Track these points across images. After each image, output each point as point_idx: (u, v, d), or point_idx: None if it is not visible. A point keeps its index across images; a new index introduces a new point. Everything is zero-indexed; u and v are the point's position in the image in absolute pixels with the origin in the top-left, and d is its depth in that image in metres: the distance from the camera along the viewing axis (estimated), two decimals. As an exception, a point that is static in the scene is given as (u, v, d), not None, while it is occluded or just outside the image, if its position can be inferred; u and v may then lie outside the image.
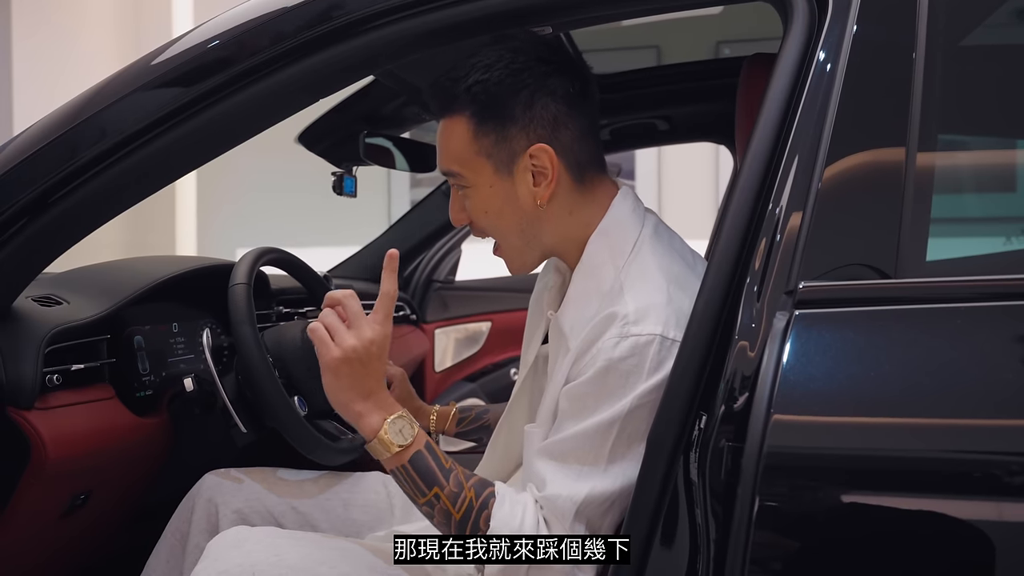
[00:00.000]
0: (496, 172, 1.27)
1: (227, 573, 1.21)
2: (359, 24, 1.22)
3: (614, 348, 1.15)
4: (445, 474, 1.20)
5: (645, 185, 5.10)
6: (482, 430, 1.75)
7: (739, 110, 1.50)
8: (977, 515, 0.93)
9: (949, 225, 1.21)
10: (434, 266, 3.06)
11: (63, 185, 1.24)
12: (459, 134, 1.27)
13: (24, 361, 1.32)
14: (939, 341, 0.99)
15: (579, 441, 1.17)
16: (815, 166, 1.04)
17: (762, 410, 0.96)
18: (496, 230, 1.31)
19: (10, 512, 1.37)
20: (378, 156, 2.14)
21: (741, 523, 0.95)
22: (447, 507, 1.19)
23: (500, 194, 1.28)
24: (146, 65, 1.26)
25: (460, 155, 1.28)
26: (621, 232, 1.28)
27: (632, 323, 1.16)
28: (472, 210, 1.31)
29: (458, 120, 1.26)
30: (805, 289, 0.99)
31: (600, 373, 1.16)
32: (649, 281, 1.21)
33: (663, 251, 1.27)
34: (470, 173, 1.28)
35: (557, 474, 1.18)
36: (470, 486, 1.20)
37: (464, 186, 1.29)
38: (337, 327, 1.22)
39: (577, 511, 1.16)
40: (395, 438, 1.19)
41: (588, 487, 1.16)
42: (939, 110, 1.08)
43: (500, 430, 1.50)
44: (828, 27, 1.09)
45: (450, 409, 1.75)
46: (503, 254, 1.35)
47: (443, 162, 1.30)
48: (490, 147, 1.26)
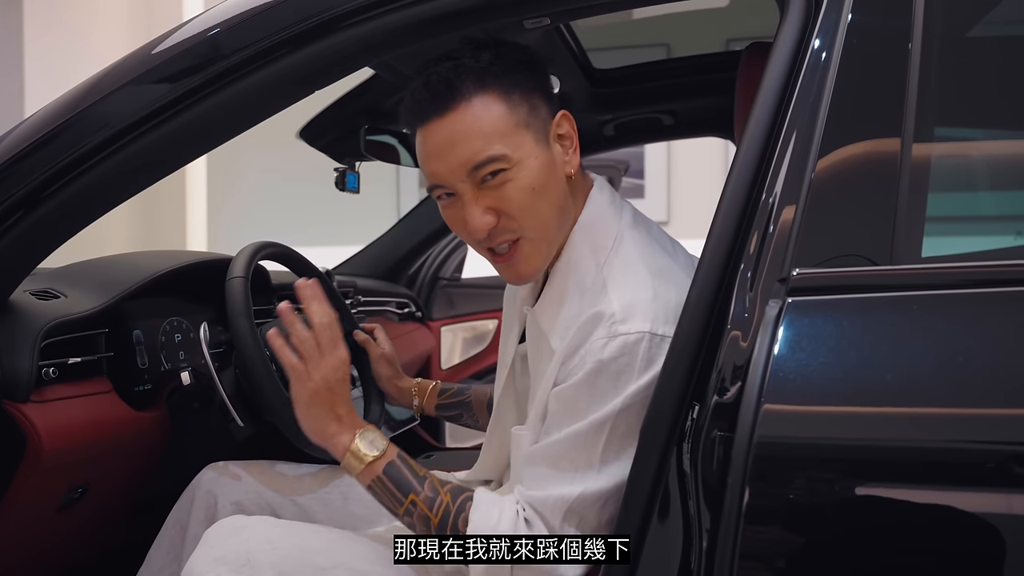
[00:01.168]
0: (537, 143, 1.22)
1: (223, 559, 1.22)
2: (355, 13, 1.21)
3: (603, 349, 1.14)
4: (419, 481, 1.22)
5: (655, 183, 5.09)
6: (462, 406, 1.77)
7: (738, 100, 1.49)
8: (971, 505, 0.92)
9: (947, 224, 1.20)
10: (440, 263, 3.06)
11: (59, 178, 1.24)
12: (492, 112, 1.19)
13: (20, 354, 1.33)
14: (934, 329, 0.98)
15: (571, 443, 1.16)
16: (809, 155, 1.03)
17: (753, 400, 0.95)
18: (536, 214, 1.22)
19: (7, 505, 1.38)
20: (379, 151, 2.14)
21: (732, 514, 0.94)
22: (424, 512, 1.20)
23: (545, 165, 1.22)
24: (144, 56, 1.26)
25: (501, 131, 1.19)
26: (602, 225, 1.27)
27: (619, 322, 1.14)
28: (516, 193, 1.20)
29: (483, 100, 1.19)
30: (798, 276, 0.98)
31: (590, 375, 1.15)
32: (633, 276, 1.19)
33: (644, 243, 1.25)
34: (514, 149, 1.20)
35: (549, 477, 1.17)
36: (446, 491, 1.22)
37: (505, 168, 1.19)
38: (313, 357, 1.25)
39: (568, 509, 1.15)
40: (367, 449, 1.23)
41: (581, 488, 1.15)
42: (935, 100, 1.07)
43: (492, 432, 1.50)
44: (824, 15, 1.08)
45: (430, 383, 1.78)
46: (524, 251, 1.24)
47: (480, 148, 1.19)
48: (526, 116, 1.21)
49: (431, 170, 1.23)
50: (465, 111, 1.19)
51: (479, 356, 3.19)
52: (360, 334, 1.79)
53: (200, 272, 1.78)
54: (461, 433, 2.89)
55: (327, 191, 2.28)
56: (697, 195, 4.90)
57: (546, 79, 1.27)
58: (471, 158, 1.19)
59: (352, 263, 2.90)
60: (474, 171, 1.20)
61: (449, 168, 1.20)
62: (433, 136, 1.21)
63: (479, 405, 1.76)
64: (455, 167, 1.20)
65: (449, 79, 1.19)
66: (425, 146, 1.22)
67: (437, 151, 1.21)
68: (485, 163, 1.19)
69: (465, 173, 1.20)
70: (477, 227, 1.21)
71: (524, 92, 1.21)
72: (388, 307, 2.75)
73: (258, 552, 1.22)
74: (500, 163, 1.19)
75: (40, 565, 1.58)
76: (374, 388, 1.78)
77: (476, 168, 1.19)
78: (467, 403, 1.77)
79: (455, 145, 1.19)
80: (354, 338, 1.79)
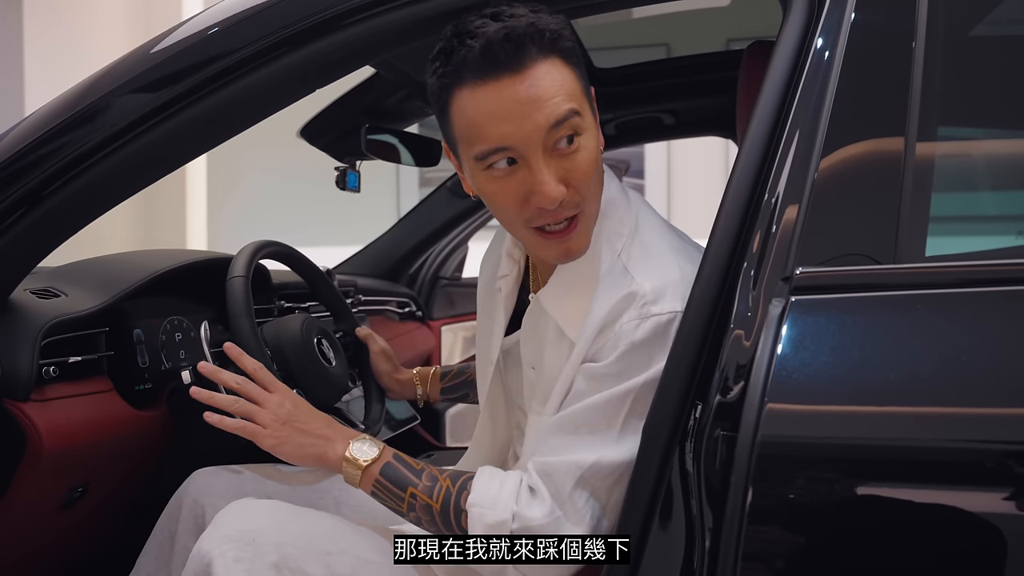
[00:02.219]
0: (592, 114, 1.19)
1: (229, 538, 1.23)
2: (357, 11, 1.20)
3: (635, 330, 1.14)
4: (416, 474, 1.23)
5: (655, 183, 5.08)
6: (468, 385, 1.78)
7: (740, 99, 1.49)
8: (975, 505, 0.92)
9: (951, 224, 1.20)
10: (441, 263, 3.06)
11: (61, 175, 1.24)
12: (565, 72, 1.13)
13: (20, 353, 1.33)
14: (938, 328, 0.97)
15: (593, 411, 1.15)
16: (812, 153, 1.03)
17: (756, 399, 0.94)
18: (595, 188, 1.19)
19: (7, 503, 1.38)
20: (381, 150, 2.13)
21: (735, 513, 0.94)
22: (425, 501, 1.21)
23: (597, 138, 1.19)
24: (144, 54, 1.26)
25: (576, 92, 1.14)
26: (614, 212, 1.25)
27: (651, 302, 1.14)
28: (585, 163, 1.15)
29: (555, 60, 1.13)
30: (802, 275, 0.98)
31: (623, 355, 1.14)
32: (658, 258, 1.20)
33: (658, 224, 1.26)
34: (585, 112, 1.15)
35: (567, 444, 1.16)
36: (444, 476, 1.22)
37: (579, 132, 1.14)
38: (254, 411, 1.30)
39: (580, 477, 1.14)
40: (360, 455, 1.24)
41: (596, 455, 1.14)
42: (939, 99, 1.07)
43: (483, 430, 1.49)
44: (827, 13, 1.08)
45: (430, 369, 1.79)
46: (582, 226, 1.19)
47: (562, 102, 1.11)
48: (586, 85, 1.18)
49: (500, 132, 1.12)
50: (544, 69, 1.11)
51: (479, 355, 3.19)
52: (362, 329, 1.79)
53: (201, 271, 1.78)
54: (461, 432, 2.88)
55: (326, 191, 2.28)
56: (697, 195, 4.90)
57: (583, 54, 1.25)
58: (553, 113, 1.11)
59: (353, 262, 2.90)
60: (554, 129, 1.12)
61: (528, 127, 1.11)
62: (505, 94, 1.11)
63: None
64: (537, 125, 1.11)
65: (523, 35, 1.10)
66: (494, 104, 1.11)
67: (512, 109, 1.11)
68: (565, 119, 1.12)
69: (543, 133, 1.12)
70: (553, 195, 1.13)
71: (577, 61, 1.17)
72: (389, 306, 2.75)
73: (264, 532, 1.23)
74: (578, 123, 1.14)
75: (41, 564, 1.58)
76: (375, 386, 1.78)
77: (557, 125, 1.12)
78: (471, 381, 1.77)
79: (535, 101, 1.11)
80: (356, 335, 1.79)
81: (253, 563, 1.21)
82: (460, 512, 1.18)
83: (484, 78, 1.11)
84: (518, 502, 1.16)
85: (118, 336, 1.58)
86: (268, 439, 1.28)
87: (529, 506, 1.16)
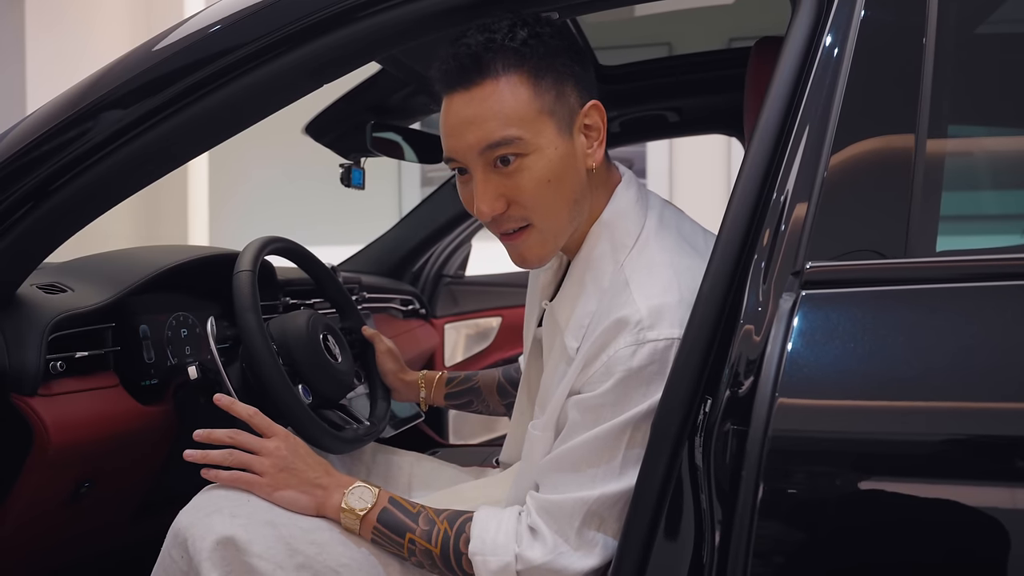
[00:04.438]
0: (559, 132, 1.18)
1: (197, 507, 1.25)
2: (365, 7, 1.20)
3: (631, 357, 1.11)
4: (413, 518, 1.23)
5: (657, 182, 5.08)
6: (472, 392, 1.78)
7: (747, 96, 1.49)
8: (987, 501, 0.91)
9: (962, 223, 1.20)
10: (444, 261, 3.06)
11: (68, 170, 1.24)
12: (517, 93, 1.15)
13: (27, 347, 1.33)
14: (949, 322, 0.97)
15: (593, 445, 1.14)
16: (822, 150, 1.03)
17: (767, 393, 0.94)
18: (548, 205, 1.19)
19: (14, 498, 1.38)
20: (386, 147, 2.13)
21: (745, 508, 0.94)
22: (424, 546, 1.21)
23: (564, 157, 1.18)
24: (146, 52, 1.26)
25: (522, 115, 1.15)
26: (623, 223, 1.24)
27: (647, 328, 1.12)
28: (529, 183, 1.17)
29: (511, 78, 1.15)
30: (812, 269, 0.98)
31: (619, 384, 1.12)
32: (658, 279, 1.16)
33: (671, 243, 1.22)
34: (533, 135, 1.16)
35: (568, 481, 1.15)
36: (442, 519, 1.22)
37: (522, 153, 1.16)
38: (249, 460, 1.29)
39: (588, 512, 1.14)
40: (356, 504, 1.25)
41: (600, 489, 1.13)
42: (950, 97, 1.07)
43: (519, 412, 1.49)
44: (836, 10, 1.08)
45: (436, 374, 1.79)
46: (532, 239, 1.22)
47: (495, 128, 1.15)
48: (552, 104, 1.17)
49: (447, 144, 1.20)
50: (490, 89, 1.16)
51: (483, 353, 3.19)
52: (368, 328, 1.79)
53: (207, 267, 1.78)
54: (465, 430, 2.89)
55: (328, 188, 2.28)
56: (699, 194, 4.90)
57: (585, 65, 1.23)
58: (485, 137, 1.16)
59: (356, 260, 2.90)
60: (487, 151, 1.17)
61: (463, 145, 1.18)
62: (453, 109, 1.18)
63: (488, 390, 1.77)
64: (470, 144, 1.17)
65: (479, 54, 1.15)
66: (446, 117, 1.20)
67: (455, 125, 1.18)
68: (498, 144, 1.16)
69: (478, 152, 1.17)
70: (482, 211, 1.19)
71: (556, 77, 1.18)
72: (392, 304, 2.75)
73: (230, 500, 1.26)
74: (515, 147, 1.16)
75: (48, 558, 1.58)
76: (380, 385, 1.78)
77: (489, 148, 1.16)
78: (475, 389, 1.77)
79: (472, 122, 1.16)
80: (361, 333, 1.79)
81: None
82: (460, 555, 1.19)
83: (446, 90, 1.19)
84: (519, 543, 1.16)
85: (124, 331, 1.58)
86: (265, 488, 1.28)
87: (531, 547, 1.15)
